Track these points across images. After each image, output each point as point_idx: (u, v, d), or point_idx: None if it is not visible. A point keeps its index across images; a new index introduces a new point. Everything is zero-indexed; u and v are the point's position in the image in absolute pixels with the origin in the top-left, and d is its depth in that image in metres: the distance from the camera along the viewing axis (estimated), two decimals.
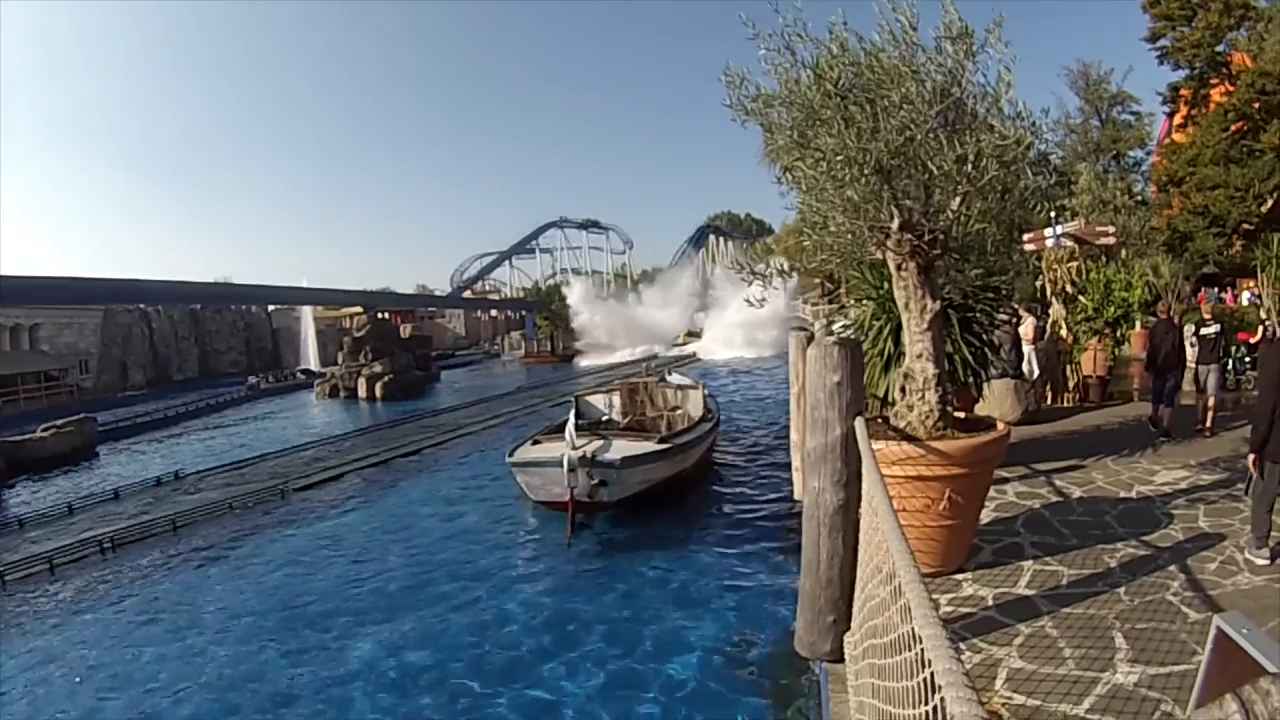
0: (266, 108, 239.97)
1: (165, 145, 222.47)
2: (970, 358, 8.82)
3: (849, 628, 4.71)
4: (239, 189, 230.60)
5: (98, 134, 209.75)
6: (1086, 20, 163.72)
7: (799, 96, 5.23)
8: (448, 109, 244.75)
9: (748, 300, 6.51)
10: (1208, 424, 10.98)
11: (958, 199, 5.37)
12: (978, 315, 9.07)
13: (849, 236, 5.74)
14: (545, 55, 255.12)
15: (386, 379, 49.53)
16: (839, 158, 5.10)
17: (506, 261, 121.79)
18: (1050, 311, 14.50)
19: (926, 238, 5.44)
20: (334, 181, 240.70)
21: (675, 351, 64.15)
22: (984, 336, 9.20)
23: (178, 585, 14.10)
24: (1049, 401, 13.80)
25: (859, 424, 4.55)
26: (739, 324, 55.78)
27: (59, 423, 33.60)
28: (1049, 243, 13.92)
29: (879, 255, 5.87)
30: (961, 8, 5.00)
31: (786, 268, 6.41)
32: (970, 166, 5.05)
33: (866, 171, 5.12)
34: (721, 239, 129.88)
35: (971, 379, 9.24)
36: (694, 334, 72.88)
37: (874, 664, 2.99)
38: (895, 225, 5.44)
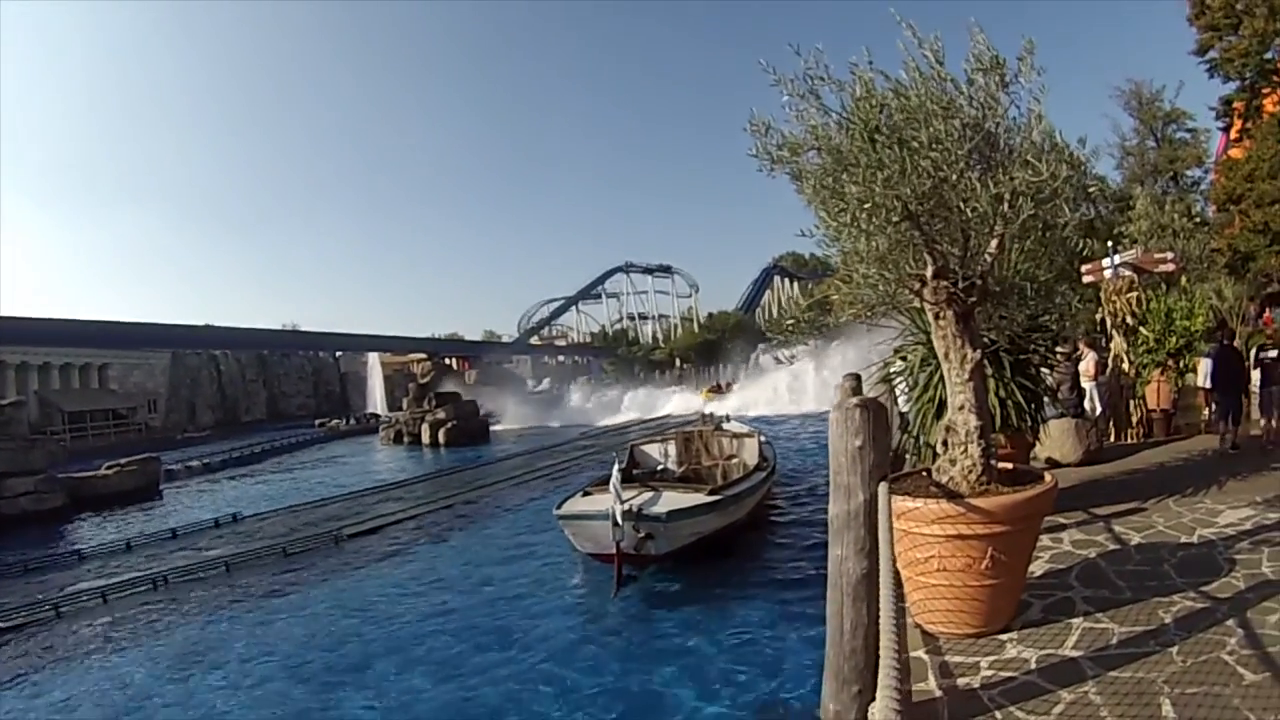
0: (338, 152, 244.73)
1: (238, 193, 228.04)
2: (1023, 401, 8.65)
3: (874, 698, 4.61)
4: (311, 235, 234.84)
5: (173, 189, 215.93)
6: (1134, 37, 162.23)
7: (825, 142, 5.13)
8: (514, 150, 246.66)
9: (775, 358, 6.42)
10: (1272, 444, 10.96)
11: (994, 241, 5.24)
12: (1030, 357, 8.91)
13: (878, 288, 5.65)
14: (612, 95, 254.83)
15: (450, 425, 50.34)
16: (865, 205, 4.95)
17: (573, 307, 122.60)
18: (1111, 345, 14.16)
19: (962, 284, 5.33)
20: (405, 227, 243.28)
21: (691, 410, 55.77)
22: (1037, 378, 9.03)
23: (220, 625, 14.50)
24: (1112, 439, 13.40)
25: (882, 490, 4.46)
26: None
27: (124, 461, 34.74)
28: (1107, 273, 13.62)
29: (916, 304, 5.78)
30: (992, 34, 4.82)
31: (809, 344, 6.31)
32: (1006, 206, 4.92)
33: (894, 218, 4.96)
34: (786, 280, 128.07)
35: (1028, 422, 9.05)
36: (719, 388, 68.26)
37: None
38: (929, 273, 5.32)
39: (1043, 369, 9.30)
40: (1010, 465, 6.21)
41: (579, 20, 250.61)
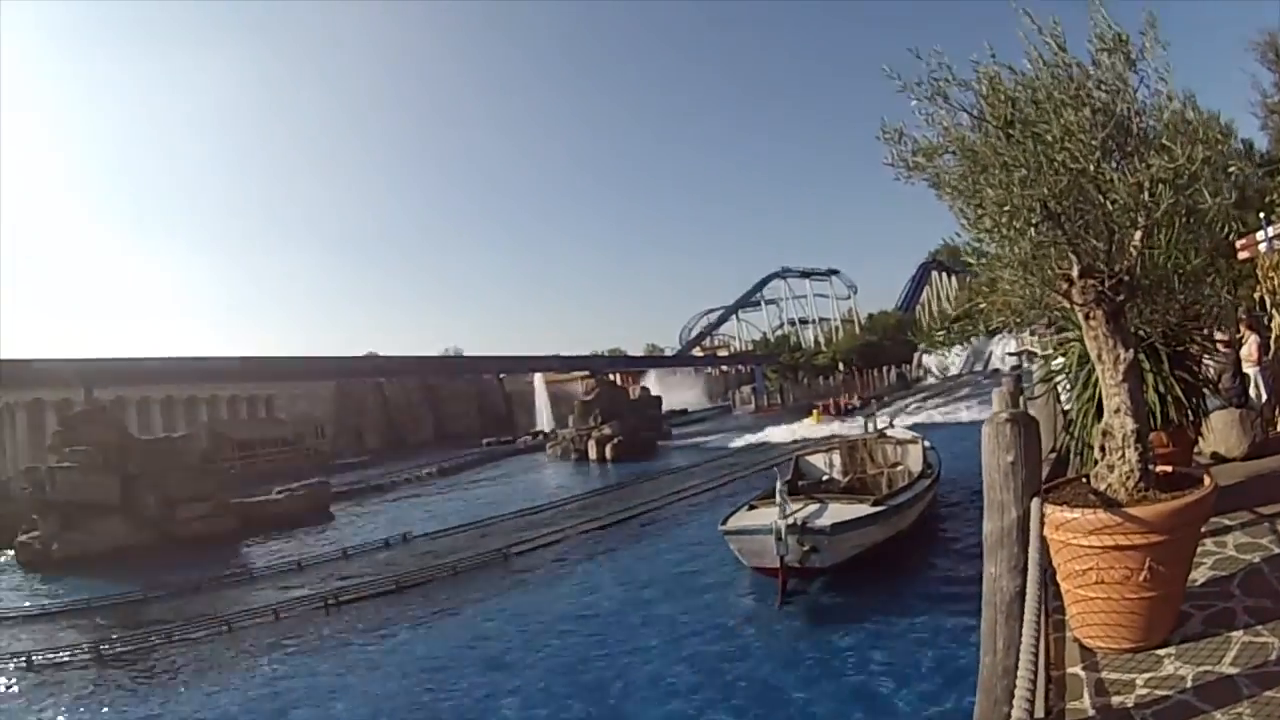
0: (497, 168, 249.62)
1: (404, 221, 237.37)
2: (1183, 395, 8.25)
3: None
4: (470, 254, 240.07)
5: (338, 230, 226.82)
6: None
7: (959, 144, 4.99)
8: (671, 156, 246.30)
9: (928, 370, 6.28)
10: None
11: (1138, 233, 5.01)
12: (1189, 347, 8.50)
13: (1024, 293, 5.47)
14: (763, 93, 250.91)
15: (616, 440, 51.34)
16: (1004, 209, 4.81)
17: (733, 316, 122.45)
18: (1274, 325, 13.34)
19: (1110, 281, 5.11)
20: (565, 242, 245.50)
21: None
22: (1197, 370, 8.62)
23: (389, 642, 15.11)
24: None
25: (1034, 505, 4.35)
26: None
27: (294, 485, 36.77)
28: (1262, 247, 12.80)
29: (1064, 304, 5.57)
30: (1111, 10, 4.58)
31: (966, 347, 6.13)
32: (1146, 195, 4.67)
33: (1034, 220, 4.80)
34: (944, 274, 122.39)
35: (1189, 417, 8.63)
36: (836, 407, 60.75)
37: None
38: (1075, 272, 5.12)
39: (1203, 359, 8.89)
40: (1169, 468, 5.94)
41: (730, 19, 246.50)
